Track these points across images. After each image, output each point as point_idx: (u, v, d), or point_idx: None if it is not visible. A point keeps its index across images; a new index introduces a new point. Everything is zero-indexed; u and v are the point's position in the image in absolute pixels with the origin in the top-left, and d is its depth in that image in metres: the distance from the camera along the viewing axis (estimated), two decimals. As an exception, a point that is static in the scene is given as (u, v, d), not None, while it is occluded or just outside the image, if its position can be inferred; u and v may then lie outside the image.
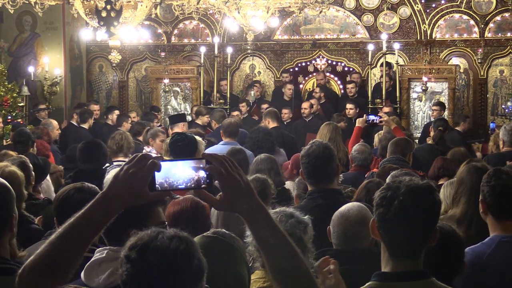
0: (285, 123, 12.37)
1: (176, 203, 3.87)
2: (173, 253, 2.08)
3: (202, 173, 2.23)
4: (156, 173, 2.22)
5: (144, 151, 8.54)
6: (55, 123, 11.12)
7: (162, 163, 2.23)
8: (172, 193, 2.40)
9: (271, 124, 10.11)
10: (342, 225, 3.85)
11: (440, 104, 12.93)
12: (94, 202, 2.22)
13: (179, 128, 9.71)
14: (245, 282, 3.30)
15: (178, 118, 10.34)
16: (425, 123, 13.19)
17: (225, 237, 3.29)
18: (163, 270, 2.07)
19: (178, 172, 2.23)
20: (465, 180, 4.53)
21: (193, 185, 2.24)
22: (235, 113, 12.23)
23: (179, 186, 2.24)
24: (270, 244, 2.24)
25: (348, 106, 12.64)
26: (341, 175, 6.49)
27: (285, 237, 2.26)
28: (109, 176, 5.25)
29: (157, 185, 2.23)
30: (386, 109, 12.05)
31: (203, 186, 2.24)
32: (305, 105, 12.88)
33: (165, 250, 2.08)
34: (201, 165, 2.22)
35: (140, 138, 10.00)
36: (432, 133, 9.93)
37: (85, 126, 12.17)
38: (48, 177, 7.19)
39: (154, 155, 6.38)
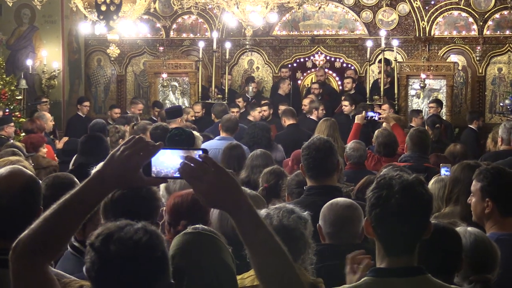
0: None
1: (177, 195, 3.89)
2: (135, 243, 2.09)
3: None
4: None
5: None
6: (48, 115, 11.15)
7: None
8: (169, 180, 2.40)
9: (287, 121, 10.11)
10: (333, 210, 3.95)
11: (437, 101, 12.93)
12: (89, 180, 2.22)
13: (177, 123, 9.70)
14: (233, 270, 3.34)
15: (175, 113, 10.32)
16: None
17: (206, 231, 3.32)
18: (123, 260, 2.08)
19: (165, 161, 2.21)
20: (461, 179, 4.56)
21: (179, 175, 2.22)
22: (234, 110, 12.18)
23: (175, 175, 2.22)
24: (254, 242, 2.22)
25: (343, 102, 12.62)
26: (344, 177, 6.47)
27: (271, 236, 2.24)
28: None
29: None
30: (384, 107, 12.04)
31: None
32: (305, 101, 12.85)
33: (127, 241, 2.09)
34: (197, 155, 2.19)
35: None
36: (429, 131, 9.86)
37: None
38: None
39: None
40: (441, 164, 6.12)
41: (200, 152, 2.19)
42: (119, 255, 2.08)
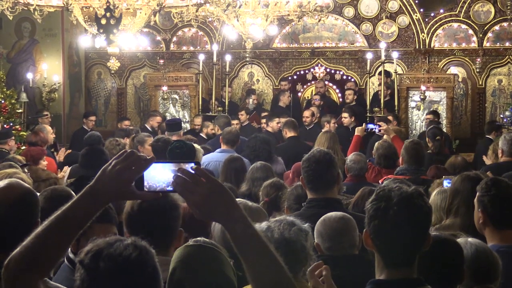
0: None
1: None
2: (125, 260, 2.06)
3: None
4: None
5: None
6: (48, 127, 11.14)
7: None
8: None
9: (289, 133, 10.09)
10: (327, 225, 3.96)
11: (434, 113, 12.92)
12: (81, 195, 2.20)
13: (178, 136, 9.70)
14: (234, 283, 3.33)
15: (176, 126, 10.32)
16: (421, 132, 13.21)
17: (207, 244, 3.31)
18: (113, 277, 2.04)
19: (157, 175, 2.19)
20: (461, 190, 4.56)
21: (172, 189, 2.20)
22: (235, 121, 12.19)
23: (167, 188, 2.20)
24: (248, 253, 2.19)
25: (343, 114, 12.63)
26: (344, 187, 6.46)
27: (266, 246, 2.20)
28: None
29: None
30: (389, 118, 12.01)
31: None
32: (306, 113, 12.87)
33: (117, 257, 2.06)
34: (189, 167, 2.17)
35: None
36: (429, 143, 9.86)
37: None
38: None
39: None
40: (443, 176, 6.13)
41: (192, 164, 2.17)
42: (108, 272, 2.04)
